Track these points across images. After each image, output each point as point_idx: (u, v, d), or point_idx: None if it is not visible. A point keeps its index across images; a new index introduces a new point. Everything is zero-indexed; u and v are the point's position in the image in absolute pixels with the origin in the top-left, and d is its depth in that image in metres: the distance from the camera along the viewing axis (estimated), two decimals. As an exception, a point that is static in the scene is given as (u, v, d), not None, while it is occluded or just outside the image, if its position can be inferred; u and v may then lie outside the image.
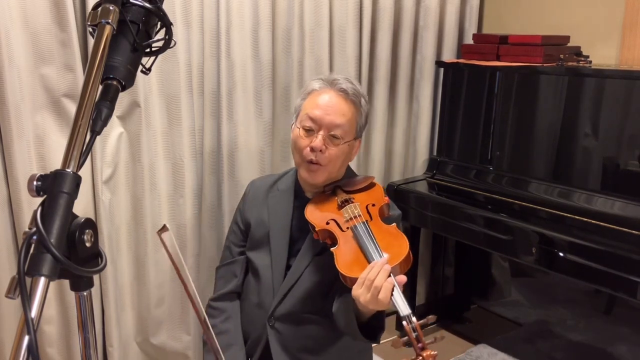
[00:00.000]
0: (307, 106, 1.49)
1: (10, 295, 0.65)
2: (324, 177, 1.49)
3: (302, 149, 1.46)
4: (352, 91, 1.50)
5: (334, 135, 1.46)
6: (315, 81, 1.53)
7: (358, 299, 1.24)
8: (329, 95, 1.48)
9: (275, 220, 1.55)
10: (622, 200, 2.03)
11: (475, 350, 2.59)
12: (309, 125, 1.46)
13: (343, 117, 1.47)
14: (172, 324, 2.21)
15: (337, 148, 1.47)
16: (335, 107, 1.47)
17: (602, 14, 2.47)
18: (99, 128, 0.80)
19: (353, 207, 1.43)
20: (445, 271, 3.00)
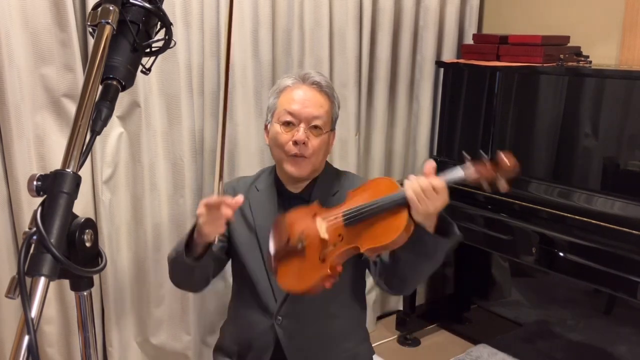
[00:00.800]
0: (284, 102, 1.50)
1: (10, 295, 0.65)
2: (309, 169, 1.50)
3: (284, 143, 1.47)
4: (325, 83, 1.53)
5: (315, 126, 1.48)
6: (286, 78, 1.54)
7: (428, 214, 1.24)
8: (304, 90, 1.50)
9: (262, 220, 1.54)
10: (622, 200, 2.03)
11: (475, 350, 2.59)
12: (289, 119, 1.47)
13: (321, 109, 1.49)
14: (172, 324, 2.21)
15: (319, 139, 1.49)
16: (312, 99, 1.49)
17: (602, 14, 2.47)
18: (99, 128, 0.80)
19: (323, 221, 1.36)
20: (445, 271, 3.00)
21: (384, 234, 1.27)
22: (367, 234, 1.30)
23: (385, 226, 1.28)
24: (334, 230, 1.33)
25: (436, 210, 1.25)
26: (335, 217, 1.34)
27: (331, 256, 1.31)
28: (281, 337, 1.51)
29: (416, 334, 2.74)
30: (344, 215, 1.33)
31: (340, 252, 1.31)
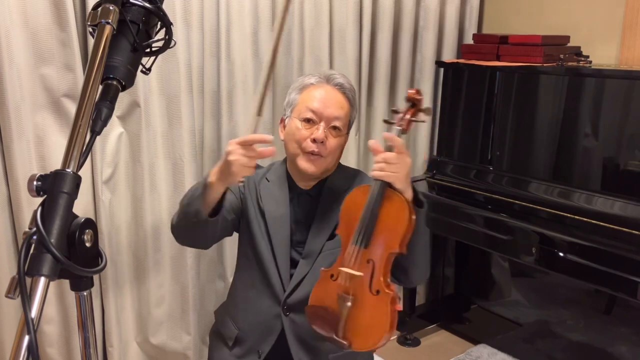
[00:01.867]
0: (306, 99, 1.51)
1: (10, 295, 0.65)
2: (322, 168, 1.51)
3: (303, 140, 1.48)
4: (348, 86, 1.55)
5: (334, 126, 1.49)
6: (310, 77, 1.55)
7: (404, 178, 1.33)
8: (327, 90, 1.51)
9: (272, 210, 1.54)
10: (622, 200, 2.03)
11: (475, 350, 2.59)
12: (310, 116, 1.48)
13: (342, 110, 1.51)
14: (172, 324, 2.21)
15: (337, 140, 1.51)
16: (334, 100, 1.50)
17: (602, 14, 2.47)
18: (99, 128, 0.80)
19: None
20: (445, 271, 3.00)
21: (398, 223, 1.30)
22: (386, 236, 1.32)
23: (393, 218, 1.31)
24: (361, 262, 1.33)
25: (406, 170, 1.33)
26: (351, 253, 1.34)
27: (379, 282, 1.32)
28: (286, 326, 1.52)
29: (416, 334, 2.75)
30: (356, 243, 1.34)
31: (382, 271, 1.32)
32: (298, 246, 1.53)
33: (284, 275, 1.53)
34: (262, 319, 1.55)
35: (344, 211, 1.40)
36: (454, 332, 2.80)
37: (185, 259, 2.16)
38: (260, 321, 1.55)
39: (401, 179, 1.32)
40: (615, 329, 2.36)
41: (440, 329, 2.83)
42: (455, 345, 2.68)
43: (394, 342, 2.71)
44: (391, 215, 1.31)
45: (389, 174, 1.31)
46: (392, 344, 2.70)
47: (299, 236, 1.55)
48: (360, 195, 1.36)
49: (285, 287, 1.52)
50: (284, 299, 1.52)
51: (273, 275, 1.53)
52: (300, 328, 1.51)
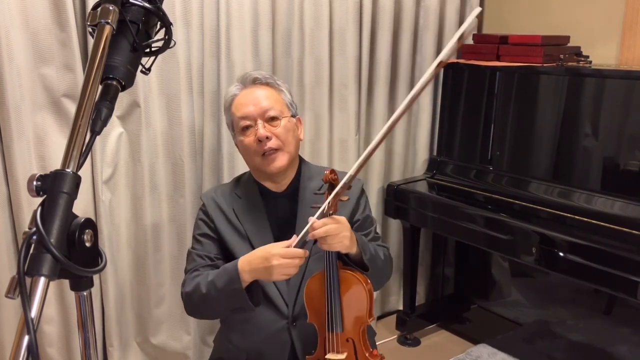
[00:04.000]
0: (235, 111, 1.53)
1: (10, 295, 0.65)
2: (284, 159, 1.51)
3: (251, 146, 1.50)
4: (264, 75, 1.56)
5: (271, 117, 1.50)
6: (230, 88, 1.58)
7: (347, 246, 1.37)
8: (247, 91, 1.54)
9: (251, 227, 1.54)
10: (622, 200, 2.03)
11: (475, 350, 2.59)
12: (246, 123, 1.50)
13: (269, 99, 1.52)
14: (172, 324, 2.21)
15: (281, 127, 1.51)
16: (257, 96, 1.52)
17: (602, 14, 2.47)
18: (98, 128, 0.80)
19: None
20: (445, 271, 3.00)
21: (360, 301, 1.41)
22: (355, 314, 1.43)
23: (354, 297, 1.42)
24: (342, 344, 1.44)
25: (347, 233, 1.35)
26: (330, 339, 1.43)
27: (363, 354, 1.44)
28: (295, 338, 1.52)
29: (416, 334, 2.75)
30: (331, 329, 1.42)
31: (362, 344, 1.44)
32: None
33: (282, 288, 1.52)
34: (270, 334, 1.53)
35: (307, 301, 1.46)
36: (454, 332, 2.80)
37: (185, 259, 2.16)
38: (269, 337, 1.53)
39: (347, 243, 1.36)
40: (615, 329, 2.36)
41: (440, 329, 2.83)
42: (455, 345, 2.68)
43: (394, 342, 2.71)
44: (352, 297, 1.42)
45: (337, 244, 1.34)
46: (392, 343, 2.70)
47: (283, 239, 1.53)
48: (317, 284, 1.43)
49: (287, 299, 1.52)
50: (290, 312, 1.52)
51: (271, 291, 1.52)
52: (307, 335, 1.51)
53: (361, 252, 1.42)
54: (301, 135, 1.60)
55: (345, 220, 1.37)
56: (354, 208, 1.60)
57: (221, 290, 1.41)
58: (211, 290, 1.42)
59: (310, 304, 1.46)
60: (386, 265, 1.58)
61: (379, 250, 1.55)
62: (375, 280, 1.47)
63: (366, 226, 1.62)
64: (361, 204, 1.63)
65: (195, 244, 1.58)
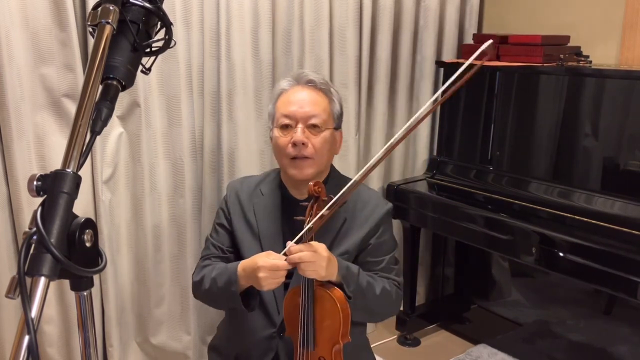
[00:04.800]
0: (280, 106, 1.49)
1: (10, 295, 0.65)
2: (312, 170, 1.47)
3: (284, 147, 1.46)
4: (320, 80, 1.51)
5: (313, 124, 1.46)
6: (282, 82, 1.54)
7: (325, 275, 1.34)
8: (299, 90, 1.49)
9: (265, 227, 1.52)
10: (622, 200, 2.03)
11: (475, 350, 2.59)
12: (286, 122, 1.46)
13: (317, 106, 1.47)
14: (172, 324, 2.21)
15: (320, 137, 1.47)
16: (307, 98, 1.48)
17: (602, 14, 2.47)
18: (99, 128, 0.80)
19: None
20: (445, 271, 3.00)
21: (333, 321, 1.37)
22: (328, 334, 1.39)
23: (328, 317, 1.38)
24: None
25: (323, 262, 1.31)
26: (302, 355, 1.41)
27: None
28: (280, 348, 1.51)
29: (416, 334, 2.75)
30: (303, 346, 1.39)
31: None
32: None
33: (279, 296, 1.51)
34: (257, 339, 1.53)
35: (286, 314, 1.44)
36: (454, 332, 2.80)
37: (185, 259, 2.16)
38: (255, 342, 1.53)
39: (322, 273, 1.32)
40: (615, 329, 2.36)
41: (440, 329, 2.83)
42: (455, 345, 2.68)
43: (394, 342, 2.71)
44: (326, 315, 1.37)
45: (310, 272, 1.31)
46: (392, 343, 2.70)
47: None
48: (294, 298, 1.40)
49: (280, 308, 1.51)
50: (280, 322, 1.51)
51: (268, 297, 1.51)
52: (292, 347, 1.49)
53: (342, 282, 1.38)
54: (339, 149, 1.56)
55: (323, 249, 1.32)
56: (371, 231, 1.53)
57: (220, 289, 1.43)
58: (212, 287, 1.45)
59: (287, 317, 1.43)
60: (382, 301, 1.48)
61: (376, 284, 1.46)
62: (365, 312, 1.43)
63: (378, 253, 1.54)
64: (381, 228, 1.54)
65: (212, 232, 1.62)
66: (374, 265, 1.53)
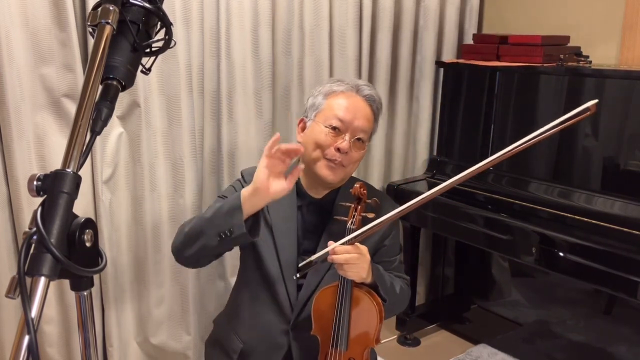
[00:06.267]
0: (334, 106, 1.48)
1: (10, 295, 0.65)
2: (341, 177, 1.50)
3: (327, 146, 1.46)
4: (377, 99, 1.54)
5: (359, 138, 1.48)
6: (337, 84, 1.53)
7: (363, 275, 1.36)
8: (356, 100, 1.50)
9: (279, 221, 1.52)
10: (622, 200, 2.03)
11: (475, 350, 2.59)
12: (337, 125, 1.46)
13: (368, 123, 1.50)
14: (172, 324, 2.21)
15: (359, 152, 1.50)
16: (362, 111, 1.49)
17: (602, 14, 2.47)
18: (99, 128, 0.80)
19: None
20: (445, 271, 3.00)
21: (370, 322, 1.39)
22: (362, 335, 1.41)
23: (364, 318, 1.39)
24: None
25: (366, 264, 1.35)
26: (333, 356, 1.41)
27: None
28: (293, 344, 1.51)
29: (416, 334, 2.75)
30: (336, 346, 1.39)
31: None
32: (305, 254, 1.50)
33: (292, 292, 1.51)
34: (268, 334, 1.53)
35: (316, 312, 1.44)
36: (454, 332, 2.80)
37: (185, 259, 2.16)
38: (266, 336, 1.53)
39: (364, 275, 1.35)
40: (615, 329, 2.36)
41: (440, 329, 2.83)
42: (455, 345, 2.68)
43: (394, 342, 2.71)
44: (362, 316, 1.39)
45: (353, 273, 1.33)
46: (392, 343, 2.70)
47: (306, 245, 1.53)
48: (329, 297, 1.41)
49: (293, 304, 1.51)
50: (293, 318, 1.51)
51: (281, 292, 1.51)
52: (307, 344, 1.50)
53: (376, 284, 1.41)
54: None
55: (366, 251, 1.36)
56: (386, 232, 1.57)
57: (219, 209, 1.35)
58: (211, 210, 1.38)
59: (317, 316, 1.44)
60: (400, 299, 1.55)
61: (395, 283, 1.52)
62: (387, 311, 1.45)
63: (391, 253, 1.60)
64: (394, 229, 1.61)
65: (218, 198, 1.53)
66: (388, 265, 1.57)
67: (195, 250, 1.38)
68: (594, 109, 1.08)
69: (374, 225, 1.29)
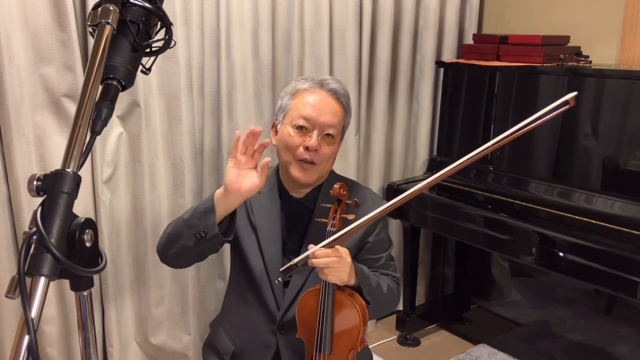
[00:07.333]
0: (299, 105, 1.48)
1: (10, 295, 0.65)
2: (316, 176, 1.49)
3: (295, 147, 1.46)
4: (342, 92, 1.52)
5: (328, 134, 1.47)
6: (303, 81, 1.52)
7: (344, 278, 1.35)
8: (321, 95, 1.48)
9: (263, 224, 1.52)
10: (622, 200, 2.03)
11: (475, 350, 2.59)
12: (303, 123, 1.46)
13: (335, 117, 1.48)
14: (172, 324, 2.21)
15: (330, 148, 1.48)
16: (328, 107, 1.48)
17: (602, 14, 2.47)
18: (99, 128, 0.80)
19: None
20: (445, 271, 3.00)
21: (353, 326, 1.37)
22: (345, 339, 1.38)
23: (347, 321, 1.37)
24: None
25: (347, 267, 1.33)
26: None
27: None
28: (281, 343, 1.51)
29: (416, 334, 2.75)
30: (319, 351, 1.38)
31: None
32: (290, 255, 1.50)
33: (278, 292, 1.51)
34: (257, 335, 1.53)
35: (299, 316, 1.43)
36: (454, 332, 2.80)
37: (185, 259, 2.16)
38: (255, 337, 1.53)
39: (344, 278, 1.34)
40: (615, 329, 2.36)
41: (440, 329, 2.83)
42: (455, 345, 2.68)
43: (394, 342, 2.71)
44: (345, 320, 1.37)
45: (333, 277, 1.32)
46: (392, 343, 2.70)
47: (291, 245, 1.53)
48: (311, 300, 1.40)
49: (280, 304, 1.51)
50: (279, 318, 1.50)
51: (266, 292, 1.51)
52: (295, 344, 1.49)
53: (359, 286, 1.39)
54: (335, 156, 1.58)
55: (347, 254, 1.34)
56: (369, 229, 1.53)
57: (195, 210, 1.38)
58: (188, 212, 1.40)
59: (301, 320, 1.43)
60: (388, 298, 1.51)
61: (382, 282, 1.49)
62: (373, 312, 1.44)
63: (377, 250, 1.56)
64: (377, 226, 1.56)
65: None
66: (373, 263, 1.54)
67: (176, 251, 1.40)
68: (573, 102, 1.06)
69: (354, 227, 1.28)
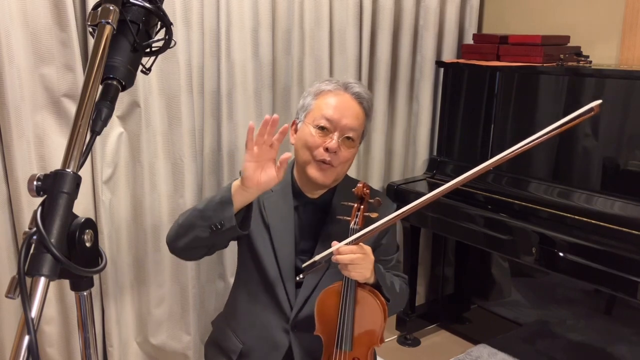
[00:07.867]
0: (322, 105, 1.48)
1: (10, 295, 0.65)
2: (332, 178, 1.48)
3: (315, 147, 1.45)
4: (366, 96, 1.52)
5: (348, 137, 1.47)
6: (327, 83, 1.52)
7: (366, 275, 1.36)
8: (344, 98, 1.48)
9: (276, 223, 1.51)
10: (622, 200, 2.03)
11: (475, 350, 2.59)
12: (325, 124, 1.45)
13: (357, 121, 1.48)
14: (172, 324, 2.21)
15: (350, 151, 1.48)
16: (351, 110, 1.48)
17: (602, 14, 2.47)
18: (99, 128, 0.80)
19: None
20: (445, 271, 3.00)
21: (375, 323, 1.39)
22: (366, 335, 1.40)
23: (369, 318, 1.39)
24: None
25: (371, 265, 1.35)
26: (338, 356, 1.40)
27: None
28: (294, 343, 1.51)
29: (416, 334, 2.75)
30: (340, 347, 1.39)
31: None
32: (303, 255, 1.51)
33: (290, 291, 1.51)
34: (268, 334, 1.53)
35: (319, 313, 1.43)
36: (454, 332, 2.80)
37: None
38: (266, 336, 1.53)
39: (367, 275, 1.36)
40: (615, 329, 2.36)
41: (440, 329, 2.83)
42: (455, 345, 2.68)
43: (394, 342, 2.71)
44: (367, 316, 1.39)
45: (357, 273, 1.33)
46: (392, 344, 2.70)
47: (303, 245, 1.53)
48: (332, 297, 1.40)
49: (292, 303, 1.51)
50: (293, 317, 1.51)
51: (279, 291, 1.51)
52: (307, 343, 1.50)
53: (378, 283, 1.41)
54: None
55: (370, 251, 1.36)
56: (382, 231, 1.52)
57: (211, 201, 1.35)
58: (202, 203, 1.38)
59: (320, 316, 1.43)
60: (400, 298, 1.54)
61: (395, 282, 1.52)
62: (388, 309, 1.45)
63: (389, 252, 1.59)
64: (390, 228, 1.58)
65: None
66: (385, 264, 1.56)
67: (188, 242, 1.39)
68: (598, 109, 1.07)
69: (378, 225, 1.29)
